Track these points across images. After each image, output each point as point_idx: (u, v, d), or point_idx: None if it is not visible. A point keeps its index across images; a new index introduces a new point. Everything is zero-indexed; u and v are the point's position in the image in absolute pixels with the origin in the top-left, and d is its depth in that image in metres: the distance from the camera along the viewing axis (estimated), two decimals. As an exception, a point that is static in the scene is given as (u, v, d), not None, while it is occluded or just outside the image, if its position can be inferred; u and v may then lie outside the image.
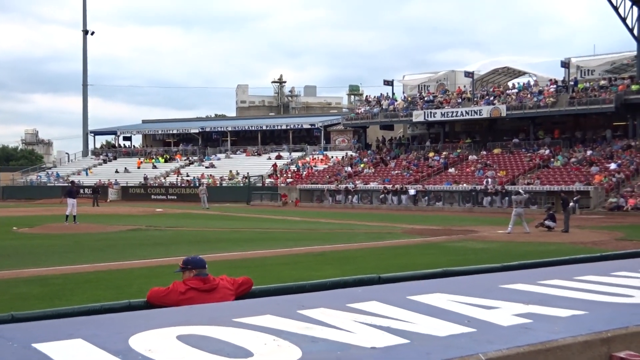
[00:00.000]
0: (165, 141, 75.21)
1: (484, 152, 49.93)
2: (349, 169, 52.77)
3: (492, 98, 51.63)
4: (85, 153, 73.93)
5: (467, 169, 47.33)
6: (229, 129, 69.86)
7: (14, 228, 26.16)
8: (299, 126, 67.63)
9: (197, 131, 70.35)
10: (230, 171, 58.47)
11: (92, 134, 75.66)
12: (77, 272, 14.00)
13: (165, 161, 66.38)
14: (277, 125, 69.56)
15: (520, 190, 28.97)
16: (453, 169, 48.19)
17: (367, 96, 67.84)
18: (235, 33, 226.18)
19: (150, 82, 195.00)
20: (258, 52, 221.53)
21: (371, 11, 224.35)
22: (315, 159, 59.08)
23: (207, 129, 70.91)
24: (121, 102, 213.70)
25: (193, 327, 2.78)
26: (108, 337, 2.64)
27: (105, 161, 69.76)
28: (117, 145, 76.40)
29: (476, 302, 3.27)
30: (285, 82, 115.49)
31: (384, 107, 57.59)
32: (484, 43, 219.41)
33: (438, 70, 63.27)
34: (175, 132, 73.67)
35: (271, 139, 69.37)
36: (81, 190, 56.12)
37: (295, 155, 61.75)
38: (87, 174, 64.40)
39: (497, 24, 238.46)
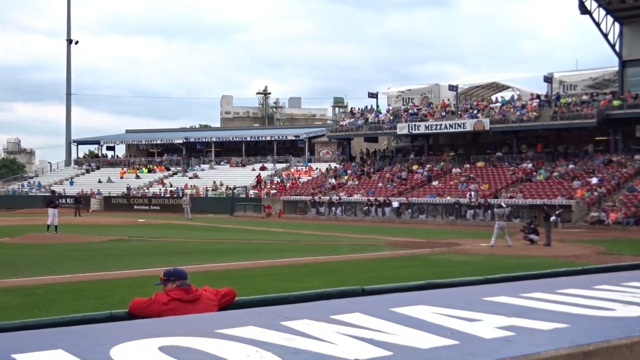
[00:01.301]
0: (149, 151, 74.90)
1: (467, 166, 50.18)
2: (333, 180, 52.80)
3: (475, 111, 51.96)
4: (68, 162, 73.43)
5: (451, 182, 47.52)
6: (213, 139, 69.76)
7: (-6, 238, 25.90)
8: (284, 137, 67.66)
9: (181, 141, 70.17)
10: (214, 182, 58.32)
11: (75, 144, 75.20)
12: (58, 282, 13.89)
13: (149, 171, 66.08)
14: (262, 137, 69.54)
15: (502, 204, 29.13)
16: (437, 181, 48.37)
17: (352, 108, 68.06)
18: (217, 44, 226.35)
19: (132, 92, 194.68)
20: (240, 63, 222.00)
21: (353, 24, 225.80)
22: (299, 170, 59.08)
23: (192, 140, 70.77)
24: (103, 112, 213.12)
25: (175, 338, 2.75)
26: (89, 347, 2.61)
27: (88, 171, 69.32)
28: (100, 155, 75.97)
29: (459, 315, 3.28)
30: (270, 93, 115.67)
31: (369, 119, 57.77)
32: (463, 57, 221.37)
33: (422, 83, 63.59)
34: (159, 142, 73.39)
35: (255, 150, 69.33)
36: (62, 200, 55.84)
37: (280, 166, 61.73)
38: (71, 184, 63.93)
39: (477, 38, 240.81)
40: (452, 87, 54.14)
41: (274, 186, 55.32)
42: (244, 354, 2.52)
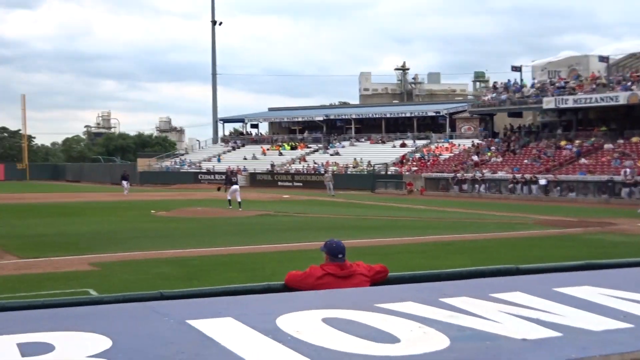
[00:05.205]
0: (290, 129, 76.54)
1: (621, 141, 47.27)
2: (476, 157, 51.59)
3: (629, 84, 48.75)
4: (215, 140, 76.60)
5: (603, 159, 45.00)
6: (353, 116, 70.07)
7: (152, 211, 27.58)
8: (424, 114, 66.83)
9: (321, 119, 71.07)
10: (355, 159, 58.75)
11: (221, 122, 78.25)
12: (212, 254, 14.58)
13: (291, 148, 67.62)
14: (401, 113, 69.05)
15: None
16: (586, 158, 46.00)
17: (494, 82, 65.99)
18: (342, 21, 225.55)
19: (264, 70, 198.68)
20: (367, 39, 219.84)
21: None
22: (440, 147, 58.23)
23: (332, 117, 71.50)
24: (240, 91, 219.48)
25: (337, 310, 2.79)
26: (256, 316, 2.70)
27: (234, 148, 71.96)
28: (244, 132, 78.59)
29: (629, 297, 3.10)
30: (408, 69, 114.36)
31: (512, 94, 55.80)
32: (602, 26, 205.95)
33: (562, 55, 60.42)
34: (300, 119, 74.77)
35: (395, 127, 68.98)
36: (211, 176, 58.48)
37: (420, 143, 61.12)
38: (219, 161, 66.73)
39: (616, 4, 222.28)
40: (603, 58, 51.02)
41: (414, 163, 54.93)
42: (406, 329, 2.51)
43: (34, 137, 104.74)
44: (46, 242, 16.90)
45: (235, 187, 30.35)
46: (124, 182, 43.80)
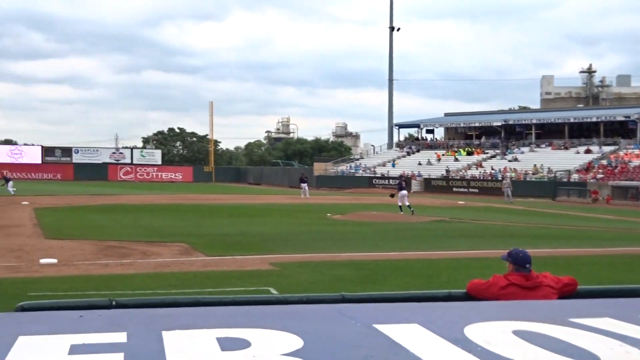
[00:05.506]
0: (467, 134, 75.25)
1: None
2: (670, 164, 47.69)
3: None
4: (390, 145, 77.07)
5: None
6: (534, 121, 67.54)
7: (328, 215, 28.22)
8: (611, 118, 62.84)
9: (499, 124, 69.20)
10: (535, 165, 56.51)
11: (397, 127, 78.58)
12: (386, 258, 14.62)
13: (467, 154, 66.45)
14: (587, 118, 65.45)
15: None
16: None
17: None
18: (522, 23, 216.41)
19: (440, 75, 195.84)
20: (549, 41, 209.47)
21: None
22: (629, 153, 54.42)
23: (510, 122, 69.36)
24: (415, 96, 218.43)
25: (528, 323, 2.66)
26: (443, 324, 2.64)
27: (408, 153, 72.00)
28: (419, 138, 78.35)
29: None
30: (594, 71, 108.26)
31: None
32: None
33: None
34: (477, 124, 73.27)
35: (579, 132, 65.50)
36: (385, 181, 58.92)
37: (607, 149, 57.54)
38: (393, 166, 67.06)
39: None
40: None
41: (600, 170, 51.80)
42: (606, 347, 2.33)
43: (220, 142, 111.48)
44: (230, 242, 17.81)
45: (403, 192, 30.65)
46: (303, 185, 45.17)
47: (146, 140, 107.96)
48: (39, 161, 77.90)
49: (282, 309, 2.92)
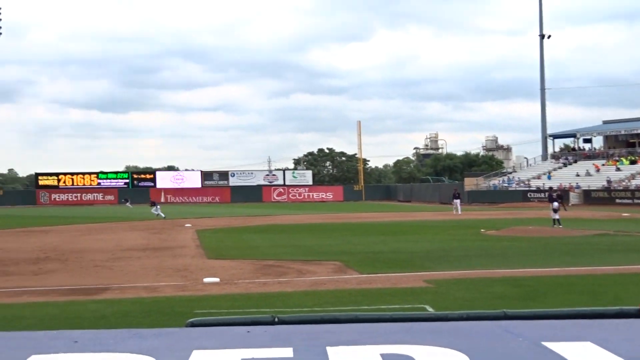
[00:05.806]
0: (628, 142, 70.90)
1: None
2: None
3: None
4: (544, 157, 74.19)
5: None
6: None
7: (482, 230, 27.56)
8: None
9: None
10: None
11: (551, 138, 75.53)
12: (547, 274, 14.03)
13: (630, 163, 62.54)
14: None
15: None
16: None
17: None
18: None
19: (594, 82, 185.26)
20: None
21: None
22: None
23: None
24: (568, 105, 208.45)
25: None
26: (618, 342, 2.49)
27: (565, 165, 68.95)
28: (576, 148, 74.84)
29: None
30: None
31: None
32: None
33: None
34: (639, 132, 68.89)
35: None
36: (539, 194, 56.63)
37: None
38: (549, 178, 64.44)
39: None
40: None
41: None
42: None
43: (368, 160, 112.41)
44: (383, 259, 17.85)
45: (554, 204, 29.29)
46: (456, 201, 44.43)
47: (297, 162, 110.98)
48: (199, 185, 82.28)
49: (443, 326, 2.87)
